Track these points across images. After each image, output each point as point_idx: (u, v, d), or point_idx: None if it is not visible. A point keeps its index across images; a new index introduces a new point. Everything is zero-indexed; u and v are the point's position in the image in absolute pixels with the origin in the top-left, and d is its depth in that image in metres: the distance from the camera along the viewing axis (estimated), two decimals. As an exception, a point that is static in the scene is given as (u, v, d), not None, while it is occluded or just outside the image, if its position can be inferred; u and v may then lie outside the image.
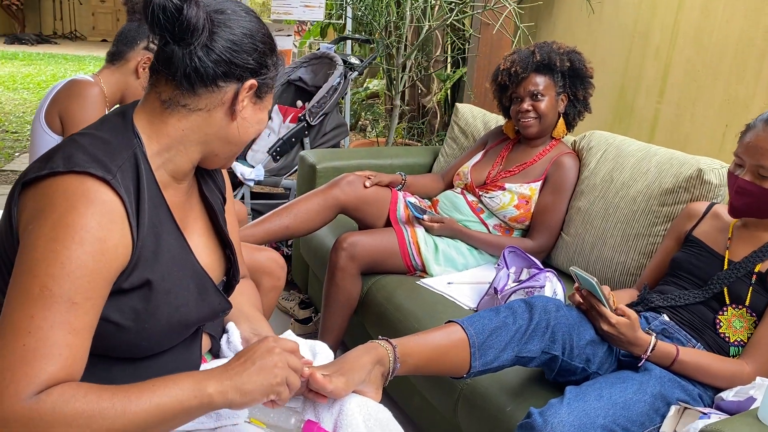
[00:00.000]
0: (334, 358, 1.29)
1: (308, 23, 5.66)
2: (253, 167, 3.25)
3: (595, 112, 2.44)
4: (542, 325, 1.47)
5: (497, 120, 2.76)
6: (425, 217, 2.30)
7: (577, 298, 1.55)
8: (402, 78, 3.50)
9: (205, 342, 1.23)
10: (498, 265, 2.06)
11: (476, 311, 1.85)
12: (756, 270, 1.58)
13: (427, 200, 2.54)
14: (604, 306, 1.49)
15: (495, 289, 1.95)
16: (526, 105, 2.30)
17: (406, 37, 3.53)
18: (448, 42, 4.59)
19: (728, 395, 1.48)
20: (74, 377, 0.92)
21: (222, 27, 1.05)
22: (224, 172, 1.33)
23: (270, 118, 3.59)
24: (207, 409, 0.98)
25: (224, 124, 1.09)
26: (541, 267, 1.99)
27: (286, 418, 1.16)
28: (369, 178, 2.39)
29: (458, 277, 2.19)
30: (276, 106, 3.58)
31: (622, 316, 1.48)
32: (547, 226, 2.29)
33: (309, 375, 1.12)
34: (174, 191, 1.13)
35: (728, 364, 1.53)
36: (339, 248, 2.17)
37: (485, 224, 2.35)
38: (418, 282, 2.17)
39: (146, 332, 1.05)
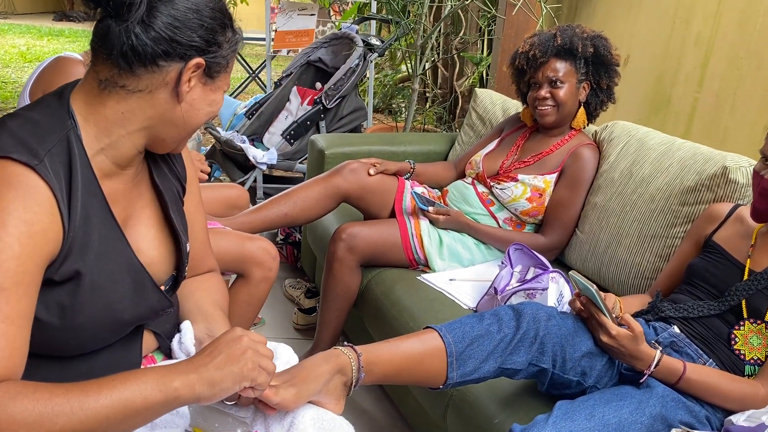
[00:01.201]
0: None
1: (349, 3, 5.56)
2: (269, 150, 3.16)
3: (629, 101, 2.26)
4: (530, 335, 1.35)
5: (517, 107, 2.60)
6: (430, 209, 2.17)
7: (578, 305, 1.43)
8: (421, 61, 3.34)
9: (150, 341, 1.14)
10: (502, 263, 1.92)
11: (476, 311, 1.73)
12: (779, 282, 1.42)
13: (436, 190, 2.41)
14: (604, 315, 1.36)
15: (495, 289, 1.82)
16: (544, 92, 2.15)
17: (426, 17, 3.37)
18: (485, 24, 4.41)
19: (739, 419, 1.35)
20: (14, 372, 0.86)
21: (163, 1, 0.95)
22: (185, 157, 1.23)
23: (288, 100, 3.49)
24: (174, 405, 0.92)
25: (169, 107, 1.01)
26: (548, 266, 1.84)
27: (231, 428, 1.07)
28: (374, 166, 2.27)
29: (461, 274, 2.07)
30: (294, 88, 3.48)
31: (624, 326, 1.35)
32: (561, 221, 2.14)
33: None
34: (117, 178, 1.05)
35: (741, 385, 1.38)
36: (338, 239, 2.07)
37: (495, 217, 2.21)
38: (418, 277, 2.06)
39: (75, 330, 0.98)
